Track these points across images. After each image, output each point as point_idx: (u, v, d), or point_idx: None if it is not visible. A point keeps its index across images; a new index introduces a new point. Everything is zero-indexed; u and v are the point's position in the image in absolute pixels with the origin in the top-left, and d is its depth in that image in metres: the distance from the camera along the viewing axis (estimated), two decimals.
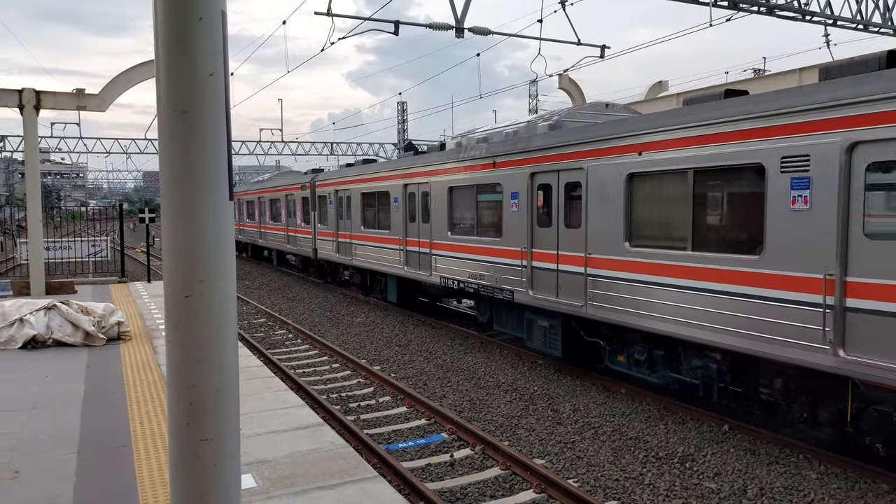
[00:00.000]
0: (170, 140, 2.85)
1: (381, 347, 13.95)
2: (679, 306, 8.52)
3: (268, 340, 14.97)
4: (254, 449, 5.89)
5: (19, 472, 5.30)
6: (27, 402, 7.23)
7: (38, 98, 15.57)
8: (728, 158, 7.79)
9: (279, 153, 48.72)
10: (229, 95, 2.98)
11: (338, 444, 6.03)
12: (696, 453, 7.89)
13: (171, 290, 2.89)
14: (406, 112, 47.36)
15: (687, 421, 9.00)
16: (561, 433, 8.69)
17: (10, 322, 9.95)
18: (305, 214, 24.45)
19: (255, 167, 67.82)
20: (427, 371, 11.97)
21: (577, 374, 11.31)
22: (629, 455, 7.92)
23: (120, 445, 5.84)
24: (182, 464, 2.91)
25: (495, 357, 12.80)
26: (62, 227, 45.47)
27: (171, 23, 2.81)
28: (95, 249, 23.44)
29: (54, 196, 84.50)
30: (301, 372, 12.05)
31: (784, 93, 7.48)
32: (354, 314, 17.88)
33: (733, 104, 7.85)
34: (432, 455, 8.08)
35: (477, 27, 14.07)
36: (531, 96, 45.28)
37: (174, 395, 2.91)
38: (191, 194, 2.85)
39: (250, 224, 33.93)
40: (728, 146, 7.78)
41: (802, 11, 15.99)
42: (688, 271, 8.41)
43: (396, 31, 13.20)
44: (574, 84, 17.70)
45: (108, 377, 8.25)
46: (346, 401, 10.29)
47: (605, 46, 15.33)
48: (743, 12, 14.46)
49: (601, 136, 9.78)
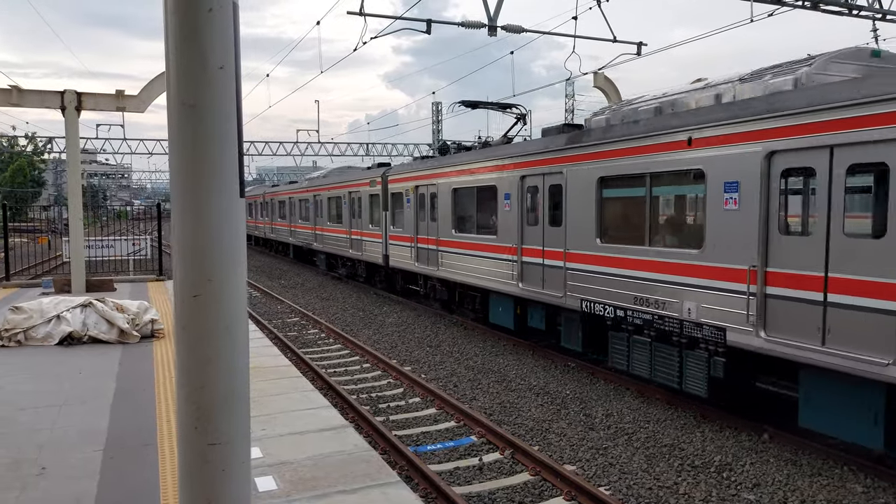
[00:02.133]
0: (179, 135, 2.77)
1: (413, 348, 13.88)
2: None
3: (301, 339, 15.03)
4: (277, 450, 5.83)
5: (46, 468, 5.33)
6: (59, 399, 7.31)
7: (79, 99, 15.91)
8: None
9: (315, 154, 49.19)
10: (240, 89, 2.89)
11: (361, 447, 5.94)
12: (734, 462, 7.59)
13: (179, 289, 2.81)
14: (441, 112, 47.32)
15: (725, 429, 8.69)
16: (593, 439, 8.47)
17: (48, 319, 10.13)
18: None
19: (291, 167, 68.62)
20: (458, 372, 11.84)
21: (611, 378, 11.05)
22: (663, 463, 7.67)
23: (145, 444, 5.84)
24: (190, 468, 2.84)
25: (527, 359, 12.60)
26: (107, 226, 46.69)
27: (181, 14, 2.73)
28: (136, 248, 23.96)
29: (100, 196, 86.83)
30: (332, 371, 12.04)
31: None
32: (387, 314, 17.85)
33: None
34: (461, 458, 7.95)
35: (510, 25, 13.87)
36: (567, 96, 44.84)
37: (183, 398, 2.83)
38: (200, 191, 2.76)
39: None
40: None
41: (849, 6, 15.39)
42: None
43: (429, 30, 13.10)
44: (610, 82, 17.37)
45: (139, 375, 8.32)
46: (375, 401, 10.23)
47: (641, 44, 15.01)
48: (786, 7, 13.97)
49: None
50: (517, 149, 13.29)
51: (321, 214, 27.17)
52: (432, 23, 13.30)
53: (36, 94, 16.03)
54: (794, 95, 7.60)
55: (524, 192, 12.60)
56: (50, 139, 46.60)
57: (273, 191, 39.31)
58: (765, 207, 7.79)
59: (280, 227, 35.61)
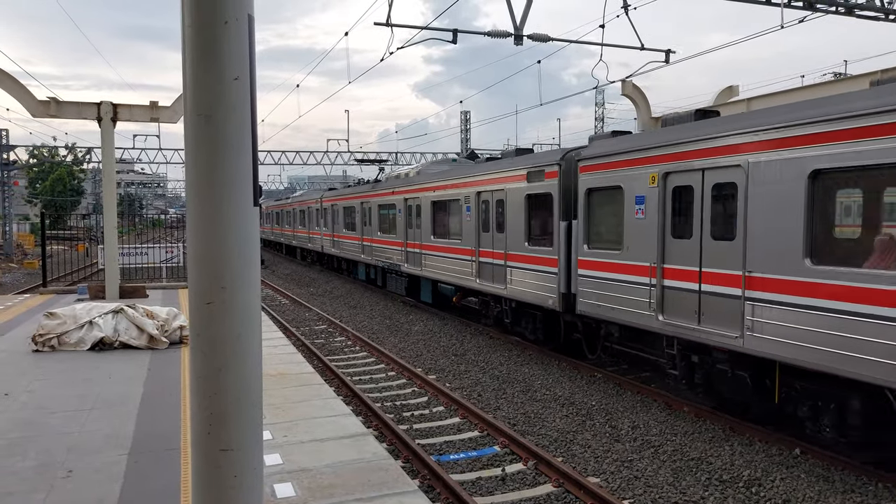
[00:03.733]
0: (195, 144, 2.83)
1: (438, 357, 13.86)
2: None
3: (327, 347, 15.12)
4: (297, 457, 5.87)
5: (72, 471, 5.44)
6: (89, 403, 7.47)
7: (115, 110, 16.32)
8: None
9: (345, 163, 49.63)
10: (255, 100, 2.93)
11: (380, 455, 5.95)
12: (763, 478, 7.40)
13: (193, 297, 2.86)
14: (469, 121, 47.40)
15: (754, 442, 8.49)
16: (618, 451, 8.34)
17: (81, 324, 10.37)
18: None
19: (322, 176, 69.40)
20: (483, 382, 11.79)
21: (638, 389, 10.89)
22: (690, 477, 7.52)
23: (168, 448, 5.92)
24: (202, 473, 2.87)
25: (553, 369, 12.49)
26: (143, 234, 47.73)
27: (198, 26, 2.79)
28: (169, 255, 24.45)
29: (137, 205, 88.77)
30: (357, 379, 12.09)
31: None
32: (413, 322, 17.87)
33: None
34: (483, 468, 7.90)
35: (536, 34, 13.86)
36: (597, 104, 44.61)
37: (196, 404, 2.87)
38: (214, 199, 2.81)
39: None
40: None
41: (886, 10, 15.06)
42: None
43: (454, 39, 13.16)
44: (638, 90, 17.20)
45: (167, 380, 8.46)
46: (399, 409, 10.23)
47: (669, 51, 14.87)
48: (819, 13, 13.71)
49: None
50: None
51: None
52: (458, 32, 13.36)
53: (73, 106, 16.49)
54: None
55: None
56: (89, 149, 47.85)
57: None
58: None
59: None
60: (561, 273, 11.87)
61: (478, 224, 14.67)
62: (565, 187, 11.90)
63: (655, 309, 9.73)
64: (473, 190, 14.82)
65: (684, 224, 9.37)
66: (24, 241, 49.93)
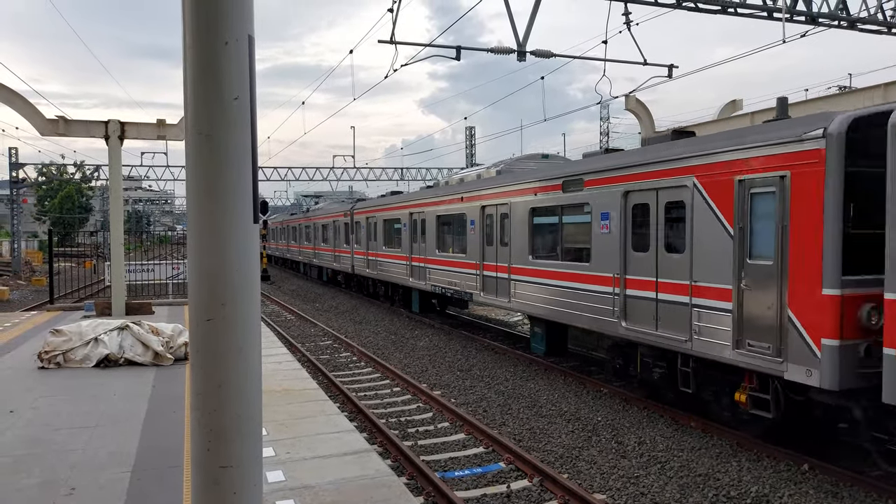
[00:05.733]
0: (195, 163, 2.85)
1: (443, 372, 13.83)
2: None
3: (332, 363, 15.10)
4: (300, 473, 5.85)
5: (75, 489, 5.44)
6: (93, 420, 7.48)
7: (122, 129, 16.46)
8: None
9: (351, 179, 49.83)
10: (255, 119, 2.96)
11: (384, 472, 5.92)
12: (771, 494, 7.33)
13: (193, 313, 2.87)
14: (474, 136, 47.57)
15: (762, 458, 8.42)
16: (624, 467, 8.28)
17: (86, 341, 10.41)
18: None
19: (328, 192, 69.65)
20: (488, 397, 11.74)
21: (645, 404, 10.82)
22: (697, 493, 7.45)
23: (171, 466, 5.92)
24: (202, 490, 2.86)
25: (558, 385, 12.44)
26: (150, 251, 47.97)
27: (198, 47, 2.82)
28: (175, 272, 24.51)
29: (144, 221, 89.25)
30: (362, 395, 12.06)
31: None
32: (418, 338, 17.85)
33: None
34: (488, 485, 7.85)
35: (538, 50, 13.95)
36: (602, 118, 44.77)
37: (195, 420, 2.87)
38: (215, 216, 2.83)
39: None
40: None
41: (889, 24, 15.10)
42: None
43: (458, 56, 13.27)
44: (642, 105, 17.25)
45: (171, 397, 8.46)
46: (404, 425, 10.19)
47: (672, 66, 14.92)
48: (821, 27, 13.76)
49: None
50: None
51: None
52: (462, 49, 13.47)
53: (81, 124, 16.65)
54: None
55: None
56: (97, 167, 48.22)
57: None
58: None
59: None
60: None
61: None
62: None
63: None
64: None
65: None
66: (33, 259, 50.25)
